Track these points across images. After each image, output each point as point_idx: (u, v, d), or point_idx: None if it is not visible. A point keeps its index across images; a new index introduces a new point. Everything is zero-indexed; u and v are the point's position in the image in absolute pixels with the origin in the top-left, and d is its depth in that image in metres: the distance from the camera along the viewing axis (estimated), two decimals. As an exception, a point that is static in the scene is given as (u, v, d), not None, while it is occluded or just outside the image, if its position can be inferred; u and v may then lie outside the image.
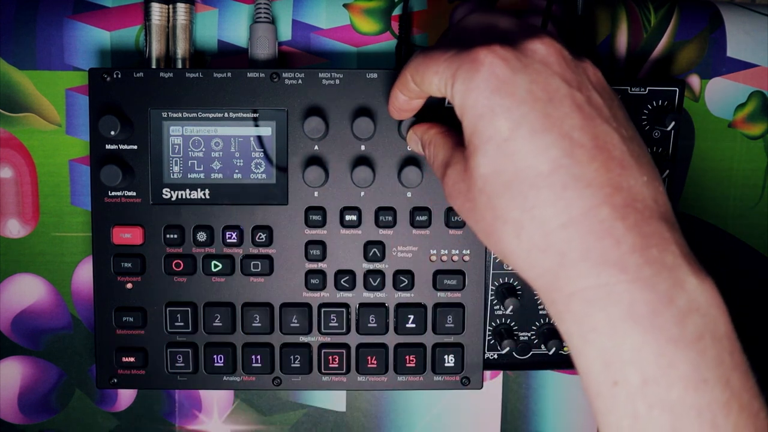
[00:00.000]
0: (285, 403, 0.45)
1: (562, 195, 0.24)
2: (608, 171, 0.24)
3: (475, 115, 0.26)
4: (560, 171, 0.24)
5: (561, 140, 0.24)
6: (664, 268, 0.23)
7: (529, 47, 0.26)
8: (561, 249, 0.24)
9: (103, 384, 0.40)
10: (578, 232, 0.23)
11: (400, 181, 0.38)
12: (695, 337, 0.22)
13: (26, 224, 0.43)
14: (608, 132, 0.25)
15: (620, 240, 0.23)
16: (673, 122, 0.39)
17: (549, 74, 0.26)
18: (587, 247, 0.23)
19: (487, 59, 0.26)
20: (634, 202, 0.24)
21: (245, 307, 0.39)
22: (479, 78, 0.26)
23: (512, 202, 0.25)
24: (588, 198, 0.24)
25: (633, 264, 0.23)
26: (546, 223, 0.24)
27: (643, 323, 0.22)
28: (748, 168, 0.44)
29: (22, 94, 0.42)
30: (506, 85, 0.25)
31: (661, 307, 0.22)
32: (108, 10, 0.42)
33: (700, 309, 0.23)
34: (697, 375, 0.22)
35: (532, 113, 0.25)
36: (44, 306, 0.44)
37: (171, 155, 0.39)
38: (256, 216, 0.39)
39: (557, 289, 0.24)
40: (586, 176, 0.24)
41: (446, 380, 0.40)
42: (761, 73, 0.44)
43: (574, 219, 0.24)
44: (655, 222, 0.24)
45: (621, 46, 0.43)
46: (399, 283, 0.40)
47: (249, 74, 0.38)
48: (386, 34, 0.43)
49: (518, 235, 0.25)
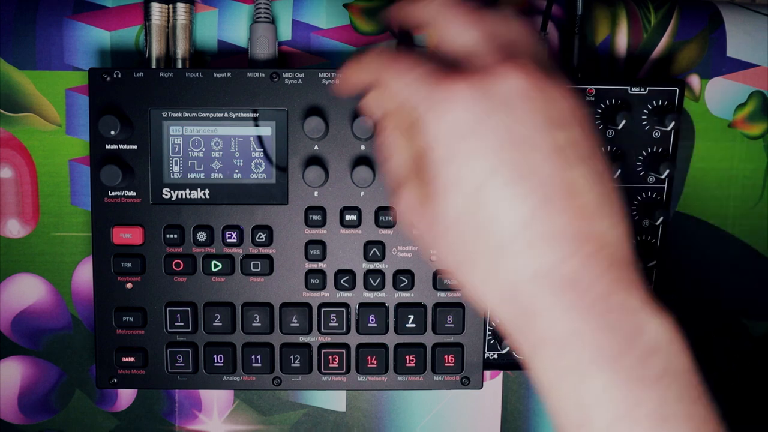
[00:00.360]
0: (285, 403, 0.45)
1: (533, 247, 0.24)
2: (579, 219, 0.24)
3: (445, 155, 0.25)
4: (534, 222, 0.24)
5: (533, 191, 0.24)
6: (628, 312, 0.24)
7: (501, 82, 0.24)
8: (530, 299, 0.24)
9: (103, 384, 0.40)
10: (547, 283, 0.24)
11: (400, 181, 0.38)
12: (658, 375, 0.23)
13: (26, 224, 0.43)
14: (578, 177, 0.24)
15: (587, 289, 0.24)
16: (673, 122, 0.39)
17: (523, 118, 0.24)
18: (555, 297, 0.24)
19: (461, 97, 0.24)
20: (602, 249, 0.24)
21: (245, 307, 0.39)
22: (450, 118, 0.24)
23: (482, 248, 0.25)
24: (557, 250, 0.24)
25: (598, 311, 0.23)
26: (515, 274, 0.24)
27: (610, 365, 0.23)
28: (748, 168, 0.44)
29: (22, 94, 0.42)
30: (479, 129, 0.24)
31: (625, 349, 0.23)
32: (108, 10, 0.42)
33: (662, 348, 0.24)
34: (663, 411, 0.23)
35: (506, 162, 0.24)
36: (44, 306, 0.44)
37: (171, 155, 0.39)
38: (256, 216, 0.39)
39: (527, 332, 0.25)
40: (558, 228, 0.24)
41: (446, 380, 0.40)
42: (761, 73, 0.44)
43: (544, 271, 0.24)
44: (619, 267, 0.24)
45: (621, 46, 0.43)
46: (399, 283, 0.40)
47: (249, 74, 0.38)
48: (386, 34, 0.43)
49: (488, 282, 0.25)
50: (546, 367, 0.25)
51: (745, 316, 0.46)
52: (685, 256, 0.45)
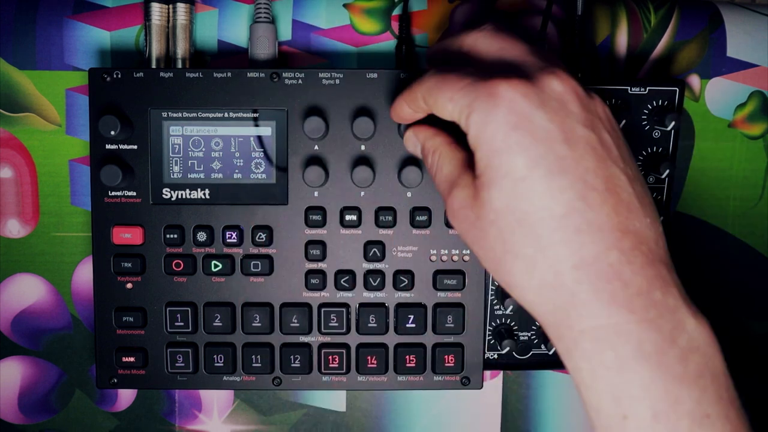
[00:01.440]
0: (285, 403, 0.45)
1: (576, 237, 0.25)
2: (618, 215, 0.25)
3: (492, 150, 0.26)
4: (574, 214, 0.25)
5: (576, 183, 0.25)
6: (667, 310, 0.24)
7: (547, 83, 0.26)
8: (572, 289, 0.25)
9: (103, 384, 0.40)
10: (589, 274, 0.24)
11: (400, 181, 0.38)
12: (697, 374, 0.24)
13: (26, 224, 0.43)
14: (617, 174, 0.26)
15: (628, 283, 0.24)
16: (673, 122, 0.39)
17: (566, 113, 0.26)
18: (597, 288, 0.24)
19: (508, 94, 0.26)
20: (640, 245, 0.25)
21: (245, 307, 0.39)
22: (498, 112, 0.26)
23: (525, 239, 0.25)
24: (599, 242, 0.24)
25: (639, 306, 0.24)
26: (559, 263, 0.25)
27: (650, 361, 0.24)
28: (748, 168, 0.44)
29: (22, 94, 0.42)
30: (525, 123, 0.25)
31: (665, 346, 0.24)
32: (108, 10, 0.42)
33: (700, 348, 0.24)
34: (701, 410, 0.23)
35: (550, 154, 0.25)
36: (44, 306, 0.44)
37: (171, 155, 0.39)
38: (256, 216, 0.39)
39: (567, 327, 0.25)
40: (598, 220, 0.25)
41: (446, 380, 0.40)
42: (761, 73, 0.44)
43: (586, 261, 0.24)
44: (658, 265, 0.25)
45: (621, 46, 0.43)
46: (399, 283, 0.40)
47: (249, 74, 0.38)
48: (386, 34, 0.43)
49: (530, 272, 0.26)
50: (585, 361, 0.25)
51: (745, 316, 0.46)
52: (685, 256, 0.45)
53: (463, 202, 0.28)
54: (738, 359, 0.46)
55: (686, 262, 0.45)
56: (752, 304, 0.46)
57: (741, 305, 0.46)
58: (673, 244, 0.45)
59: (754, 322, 0.46)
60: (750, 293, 0.46)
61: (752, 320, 0.46)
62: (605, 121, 0.27)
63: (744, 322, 0.46)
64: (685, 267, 0.45)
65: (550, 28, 0.42)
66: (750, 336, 0.46)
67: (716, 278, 0.45)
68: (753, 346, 0.46)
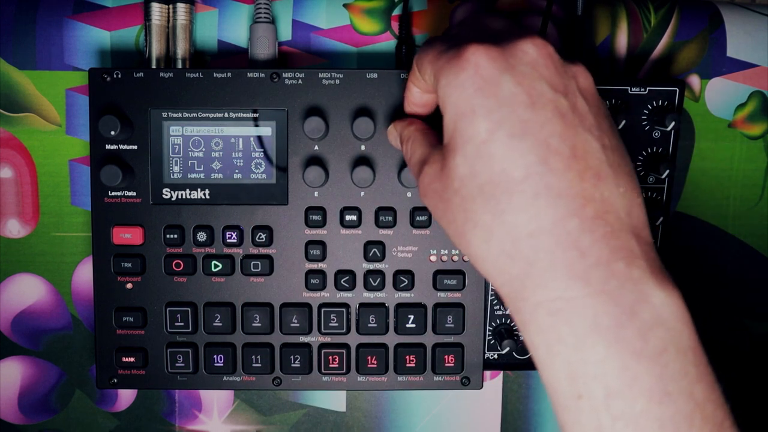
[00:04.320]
0: (285, 403, 0.45)
1: (533, 203, 0.24)
2: (582, 181, 0.24)
3: (456, 113, 0.26)
4: (534, 178, 0.24)
5: (537, 147, 0.24)
6: (629, 281, 0.23)
7: (519, 48, 0.26)
8: (528, 257, 0.24)
9: (103, 384, 0.40)
10: (546, 242, 0.23)
11: (400, 181, 0.38)
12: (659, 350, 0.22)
13: (26, 224, 0.43)
14: (588, 140, 0.25)
15: (586, 252, 0.23)
16: (673, 122, 0.39)
17: (535, 77, 0.25)
18: (554, 257, 0.23)
19: (473, 57, 0.25)
20: (606, 214, 0.24)
21: (245, 307, 0.39)
22: (464, 76, 0.25)
23: (484, 205, 0.25)
24: (558, 208, 0.23)
25: (598, 277, 0.23)
26: (515, 229, 0.24)
27: (607, 336, 0.22)
28: (748, 168, 0.44)
29: (22, 94, 0.42)
30: (490, 86, 0.25)
31: (624, 320, 0.22)
32: (108, 10, 0.42)
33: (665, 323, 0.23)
34: (661, 388, 0.22)
35: (512, 116, 0.24)
36: (44, 306, 0.44)
37: (171, 155, 0.39)
38: (256, 216, 0.39)
39: (523, 299, 0.24)
40: (559, 186, 0.24)
41: (446, 380, 0.40)
42: (761, 73, 0.44)
43: (543, 228, 0.23)
44: (625, 235, 0.24)
45: (621, 46, 0.43)
46: (399, 283, 0.40)
47: (249, 74, 0.38)
48: (386, 34, 0.43)
49: (487, 240, 0.25)
50: (541, 336, 0.24)
51: (745, 316, 0.46)
52: (685, 256, 0.45)
53: (432, 176, 0.28)
54: (738, 359, 0.46)
55: (686, 262, 0.45)
56: (752, 304, 0.46)
57: (741, 305, 0.46)
58: (673, 244, 0.45)
59: (754, 322, 0.46)
60: (750, 293, 0.46)
61: (751, 320, 0.46)
62: (584, 90, 0.26)
63: (743, 322, 0.46)
64: (685, 267, 0.45)
65: (550, 28, 0.42)
66: (749, 336, 0.46)
67: (716, 278, 0.45)
68: (752, 346, 0.46)
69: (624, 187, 0.25)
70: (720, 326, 0.46)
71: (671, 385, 0.22)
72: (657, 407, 0.22)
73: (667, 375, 0.22)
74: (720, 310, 0.46)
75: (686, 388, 0.22)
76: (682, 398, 0.22)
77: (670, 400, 0.22)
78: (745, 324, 0.46)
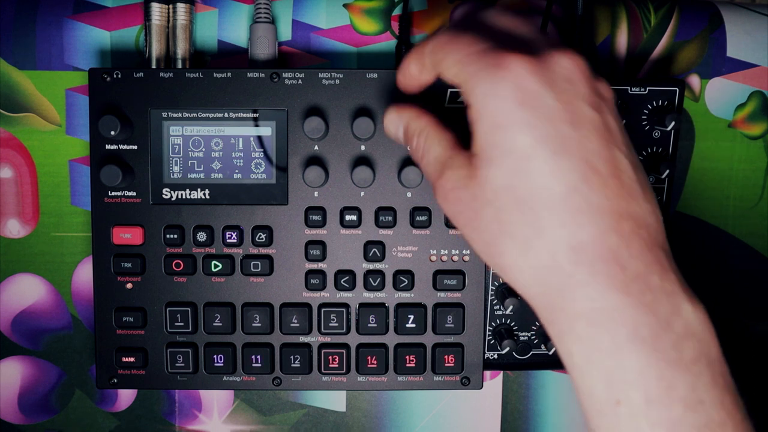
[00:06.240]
0: (285, 403, 0.45)
1: (575, 219, 0.24)
2: (619, 198, 0.25)
3: (494, 125, 0.25)
4: (575, 195, 0.24)
5: (579, 164, 0.24)
6: (664, 295, 0.24)
7: (556, 62, 0.26)
8: (568, 270, 0.24)
9: (103, 384, 0.40)
10: (587, 256, 0.24)
11: (400, 181, 0.38)
12: (691, 360, 0.24)
13: (26, 224, 0.43)
14: (620, 158, 0.25)
15: (626, 266, 0.24)
16: (673, 122, 0.39)
17: (573, 94, 0.25)
18: (594, 270, 0.24)
19: (516, 68, 0.25)
20: (639, 230, 0.25)
21: (245, 307, 0.39)
22: (505, 87, 0.25)
23: (523, 219, 0.25)
24: (599, 224, 0.24)
25: (636, 289, 0.24)
26: (556, 243, 0.25)
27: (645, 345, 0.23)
28: (748, 168, 0.44)
29: (22, 94, 0.42)
30: (531, 100, 0.25)
31: (661, 331, 0.23)
32: (108, 10, 0.42)
33: (696, 334, 0.24)
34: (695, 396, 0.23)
35: (555, 133, 0.25)
36: (44, 306, 0.44)
37: (171, 155, 0.39)
38: (256, 216, 0.39)
39: (560, 309, 0.25)
40: (599, 202, 0.24)
41: (446, 380, 0.40)
42: (761, 73, 0.44)
43: (584, 243, 0.24)
44: (656, 250, 0.25)
45: (621, 46, 0.43)
46: (399, 283, 0.40)
47: (249, 74, 0.38)
48: (386, 34, 0.43)
49: (525, 252, 0.25)
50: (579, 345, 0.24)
51: (745, 316, 0.46)
52: (685, 256, 0.45)
53: (456, 182, 0.27)
54: (738, 359, 0.46)
55: (686, 262, 0.45)
56: (752, 304, 0.46)
57: (741, 305, 0.46)
58: (673, 244, 0.45)
59: (754, 322, 0.46)
60: (750, 293, 0.46)
61: (752, 320, 0.46)
62: (610, 105, 0.27)
63: (744, 322, 0.46)
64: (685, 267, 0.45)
65: (550, 28, 0.42)
66: (750, 336, 0.46)
67: (716, 278, 0.45)
68: (753, 346, 0.46)
69: (650, 203, 0.26)
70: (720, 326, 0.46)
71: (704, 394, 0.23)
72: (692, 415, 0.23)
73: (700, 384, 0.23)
74: (720, 310, 0.46)
75: (717, 397, 0.23)
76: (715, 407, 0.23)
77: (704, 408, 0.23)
78: (744, 324, 0.46)
